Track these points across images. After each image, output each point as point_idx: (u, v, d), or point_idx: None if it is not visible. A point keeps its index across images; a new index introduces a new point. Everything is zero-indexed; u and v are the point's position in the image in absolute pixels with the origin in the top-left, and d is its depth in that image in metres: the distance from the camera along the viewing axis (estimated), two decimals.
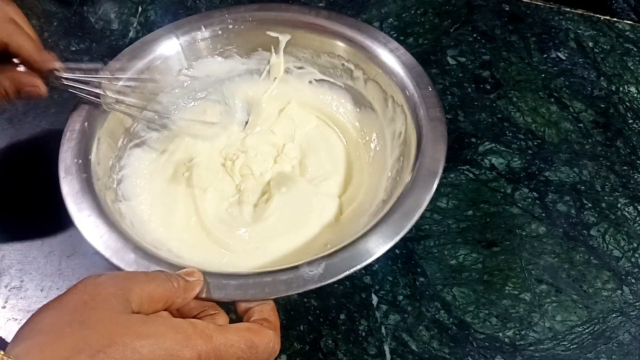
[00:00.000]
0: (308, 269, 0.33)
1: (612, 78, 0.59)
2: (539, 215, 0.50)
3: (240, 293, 0.33)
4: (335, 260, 0.34)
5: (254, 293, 0.33)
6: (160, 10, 0.67)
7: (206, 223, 0.45)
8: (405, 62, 0.45)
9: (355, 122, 0.52)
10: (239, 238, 0.44)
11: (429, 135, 0.40)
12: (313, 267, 0.33)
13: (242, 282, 0.33)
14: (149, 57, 0.47)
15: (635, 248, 0.48)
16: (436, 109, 0.42)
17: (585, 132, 0.55)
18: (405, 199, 0.37)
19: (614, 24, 0.64)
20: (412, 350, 0.43)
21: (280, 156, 0.50)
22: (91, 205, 0.37)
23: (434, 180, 0.38)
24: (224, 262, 0.43)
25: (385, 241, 0.35)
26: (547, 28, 0.64)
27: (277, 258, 0.43)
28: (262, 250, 0.43)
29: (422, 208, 0.36)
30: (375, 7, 0.67)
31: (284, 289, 0.33)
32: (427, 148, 0.40)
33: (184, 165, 0.48)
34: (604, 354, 0.42)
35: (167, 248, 0.42)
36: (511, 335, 0.43)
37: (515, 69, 0.61)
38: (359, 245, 0.35)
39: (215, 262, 0.43)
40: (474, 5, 0.67)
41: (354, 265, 0.33)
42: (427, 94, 0.43)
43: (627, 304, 0.45)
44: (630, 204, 0.50)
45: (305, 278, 0.33)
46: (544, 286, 0.46)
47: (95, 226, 0.36)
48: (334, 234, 0.44)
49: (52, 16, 0.67)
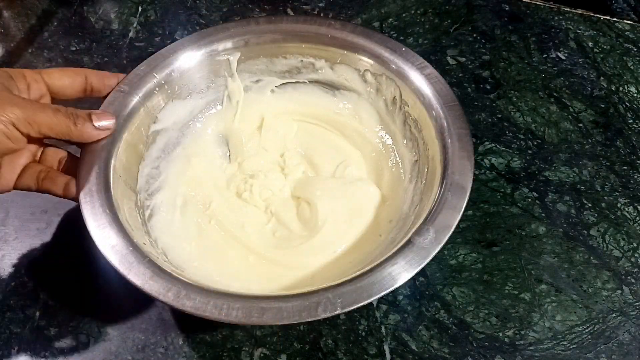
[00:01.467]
0: (331, 295, 0.33)
1: (612, 78, 0.59)
2: (539, 215, 0.50)
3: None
4: (360, 285, 0.34)
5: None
6: (160, 10, 0.67)
7: (266, 255, 0.44)
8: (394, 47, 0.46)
9: (336, 109, 0.52)
10: (307, 252, 0.44)
11: (455, 149, 0.40)
12: (335, 298, 0.33)
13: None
14: (119, 122, 0.42)
15: (635, 248, 0.48)
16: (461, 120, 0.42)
17: (585, 132, 0.55)
18: (433, 219, 0.36)
19: (614, 24, 0.64)
20: (412, 350, 0.43)
21: (286, 167, 0.50)
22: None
23: (463, 199, 0.37)
24: (309, 278, 0.43)
25: (411, 267, 0.34)
26: (547, 28, 0.64)
27: (349, 251, 0.43)
28: (333, 251, 0.43)
29: (451, 230, 0.36)
30: (375, 7, 0.67)
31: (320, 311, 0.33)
32: (454, 163, 0.39)
33: (205, 216, 0.46)
34: (603, 354, 0.42)
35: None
36: (511, 335, 0.43)
37: (515, 69, 0.61)
38: (383, 271, 0.34)
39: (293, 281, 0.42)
40: (473, 5, 0.67)
41: (378, 291, 0.33)
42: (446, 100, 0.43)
43: (627, 304, 0.45)
44: (630, 203, 0.50)
45: (329, 307, 0.33)
46: (543, 286, 0.46)
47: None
48: (384, 221, 0.45)
49: (52, 16, 0.67)
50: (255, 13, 0.67)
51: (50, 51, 0.63)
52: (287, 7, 0.67)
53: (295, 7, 0.67)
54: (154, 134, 0.46)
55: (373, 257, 0.39)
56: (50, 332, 0.44)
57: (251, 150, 0.51)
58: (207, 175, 0.49)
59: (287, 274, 0.43)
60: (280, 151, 0.51)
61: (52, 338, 0.44)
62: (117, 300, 0.45)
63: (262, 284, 0.42)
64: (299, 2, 0.68)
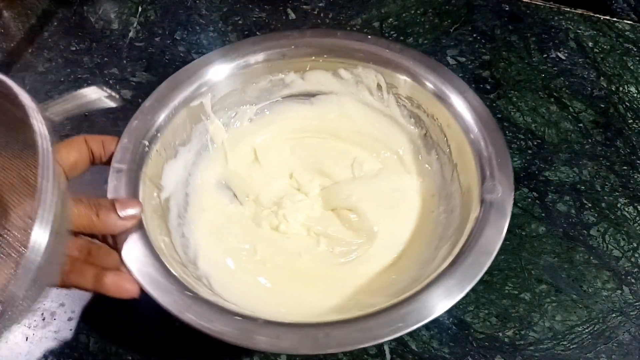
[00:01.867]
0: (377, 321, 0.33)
1: (612, 78, 0.59)
2: (539, 215, 0.50)
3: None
4: (402, 313, 0.34)
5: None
6: (160, 10, 0.67)
7: (336, 273, 0.43)
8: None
9: (320, 115, 0.51)
10: (377, 255, 0.44)
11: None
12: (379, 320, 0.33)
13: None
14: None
15: (635, 248, 0.48)
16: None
17: (585, 132, 0.55)
18: (474, 243, 0.36)
19: (614, 23, 0.64)
20: (412, 350, 0.43)
21: (302, 187, 0.49)
22: None
23: (505, 220, 0.37)
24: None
25: (453, 293, 0.34)
26: (547, 28, 0.64)
27: (410, 243, 0.44)
28: (396, 248, 0.44)
29: (492, 256, 0.35)
30: (375, 7, 0.67)
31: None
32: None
33: (258, 262, 0.44)
34: (603, 354, 0.42)
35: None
36: (511, 335, 0.43)
37: (515, 69, 0.61)
38: (426, 298, 0.34)
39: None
40: (473, 5, 0.67)
41: (418, 320, 0.34)
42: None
43: (627, 304, 0.45)
44: (630, 203, 0.50)
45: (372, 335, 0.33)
46: (543, 286, 0.46)
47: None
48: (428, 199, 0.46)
49: (52, 16, 0.67)
50: (255, 13, 0.67)
51: (50, 51, 0.63)
52: (287, 7, 0.67)
53: (295, 7, 0.67)
54: (166, 203, 0.43)
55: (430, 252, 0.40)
56: (50, 332, 0.44)
57: (259, 182, 0.49)
58: (230, 224, 0.47)
59: (348, 285, 0.42)
60: (286, 173, 0.50)
61: (52, 338, 0.44)
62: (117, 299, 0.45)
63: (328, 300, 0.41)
64: (299, 2, 0.68)
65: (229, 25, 0.66)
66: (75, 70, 0.62)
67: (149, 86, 0.58)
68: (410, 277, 0.40)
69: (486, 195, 0.37)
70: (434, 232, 0.43)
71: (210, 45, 0.64)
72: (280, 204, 0.47)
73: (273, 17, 0.66)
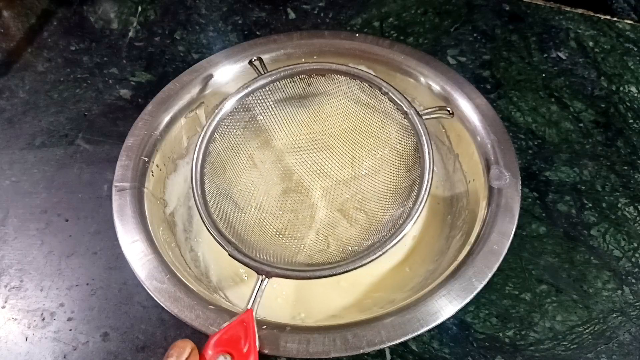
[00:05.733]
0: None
1: (612, 78, 0.59)
2: (540, 215, 0.50)
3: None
4: (404, 319, 0.34)
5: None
6: (160, 10, 0.67)
7: (352, 273, 0.44)
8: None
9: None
10: (389, 251, 0.43)
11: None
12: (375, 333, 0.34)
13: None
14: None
15: (635, 248, 0.48)
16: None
17: (585, 132, 0.55)
18: (476, 258, 0.37)
19: (615, 23, 0.64)
20: (412, 350, 0.43)
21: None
22: None
23: (512, 226, 0.38)
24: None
25: (458, 297, 0.35)
26: (547, 28, 0.64)
27: (420, 237, 0.44)
28: (407, 243, 0.44)
29: (499, 260, 0.36)
30: (375, 6, 0.67)
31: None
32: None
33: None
34: (604, 354, 0.42)
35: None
36: (511, 335, 0.43)
37: (516, 69, 0.60)
38: (429, 303, 0.35)
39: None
40: (474, 5, 0.67)
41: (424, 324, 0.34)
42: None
43: (628, 304, 0.45)
44: (631, 203, 0.50)
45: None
46: (544, 286, 0.46)
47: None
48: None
49: (52, 16, 0.67)
50: (255, 13, 0.67)
51: (50, 51, 0.63)
52: (287, 6, 0.67)
53: (295, 6, 0.67)
54: (171, 217, 0.44)
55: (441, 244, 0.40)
56: (50, 332, 0.44)
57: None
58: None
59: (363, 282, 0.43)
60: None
61: (51, 338, 0.44)
62: (116, 299, 0.45)
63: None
64: (298, 1, 0.68)
65: (228, 25, 0.66)
66: (75, 70, 0.62)
67: (148, 86, 0.58)
68: (426, 270, 0.40)
69: (494, 182, 0.37)
70: (443, 223, 0.43)
71: (210, 45, 0.64)
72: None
73: (273, 16, 0.66)
